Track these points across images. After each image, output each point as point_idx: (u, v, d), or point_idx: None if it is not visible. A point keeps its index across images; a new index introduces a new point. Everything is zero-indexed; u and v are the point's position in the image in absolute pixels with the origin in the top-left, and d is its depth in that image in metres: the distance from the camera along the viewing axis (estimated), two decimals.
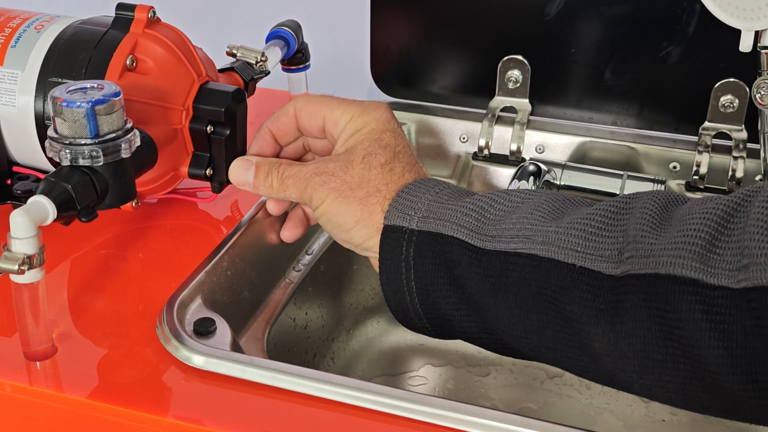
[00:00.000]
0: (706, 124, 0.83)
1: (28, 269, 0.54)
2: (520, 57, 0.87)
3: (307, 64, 0.94)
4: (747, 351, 0.47)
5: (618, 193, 0.78)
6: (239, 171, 0.66)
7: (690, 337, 0.49)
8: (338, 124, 0.64)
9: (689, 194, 0.83)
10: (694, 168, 0.83)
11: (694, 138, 0.84)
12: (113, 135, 0.61)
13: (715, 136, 0.83)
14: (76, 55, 0.68)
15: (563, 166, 0.80)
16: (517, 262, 0.55)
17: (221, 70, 0.77)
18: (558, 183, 0.79)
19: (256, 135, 0.68)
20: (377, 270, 0.61)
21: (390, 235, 0.59)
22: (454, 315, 0.58)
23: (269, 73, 0.83)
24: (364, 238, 0.61)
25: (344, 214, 0.61)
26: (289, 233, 0.70)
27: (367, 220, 0.60)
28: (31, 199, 0.57)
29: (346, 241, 0.62)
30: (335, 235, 0.63)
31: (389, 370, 0.87)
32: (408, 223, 0.59)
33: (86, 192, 0.60)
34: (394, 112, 0.65)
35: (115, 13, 0.70)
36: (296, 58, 0.92)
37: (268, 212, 0.71)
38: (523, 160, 0.87)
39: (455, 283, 0.57)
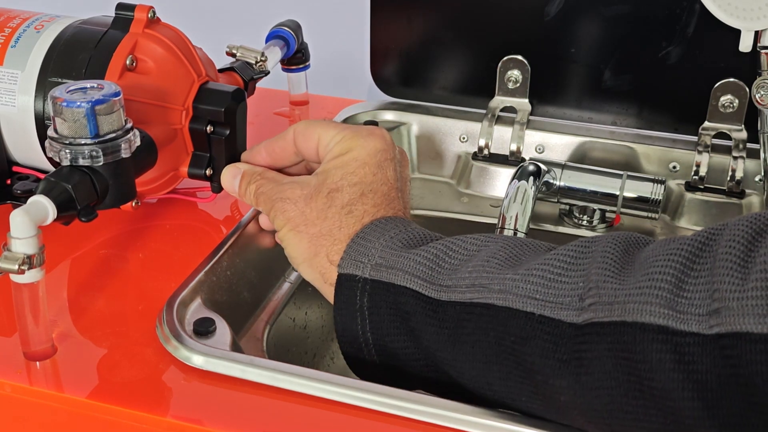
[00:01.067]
0: (706, 124, 0.83)
1: (28, 269, 0.54)
2: (520, 57, 0.87)
3: (307, 64, 0.94)
4: (723, 402, 0.45)
5: (618, 193, 0.78)
6: (228, 178, 0.67)
7: (662, 389, 0.46)
8: (328, 145, 0.63)
9: (689, 194, 0.83)
10: (694, 168, 0.83)
11: (694, 138, 0.84)
12: (113, 135, 0.61)
13: (715, 136, 0.83)
14: (76, 55, 0.68)
15: (563, 166, 0.80)
16: (473, 312, 0.53)
17: (221, 70, 0.77)
18: (558, 183, 0.79)
19: (252, 149, 0.68)
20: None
21: (344, 284, 0.58)
22: (414, 366, 0.56)
23: (269, 73, 0.83)
24: (311, 278, 0.61)
25: (295, 248, 0.61)
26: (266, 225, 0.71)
27: (312, 261, 0.60)
28: (31, 199, 0.57)
29: (306, 274, 0.62)
30: (296, 266, 0.62)
31: None
32: (361, 271, 0.57)
33: (86, 192, 0.60)
34: (395, 112, 0.65)
35: (115, 13, 0.70)
36: (296, 58, 0.92)
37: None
38: (523, 160, 0.87)
39: (412, 335, 0.55)
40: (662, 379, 0.46)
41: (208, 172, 0.71)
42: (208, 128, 0.70)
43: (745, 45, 0.72)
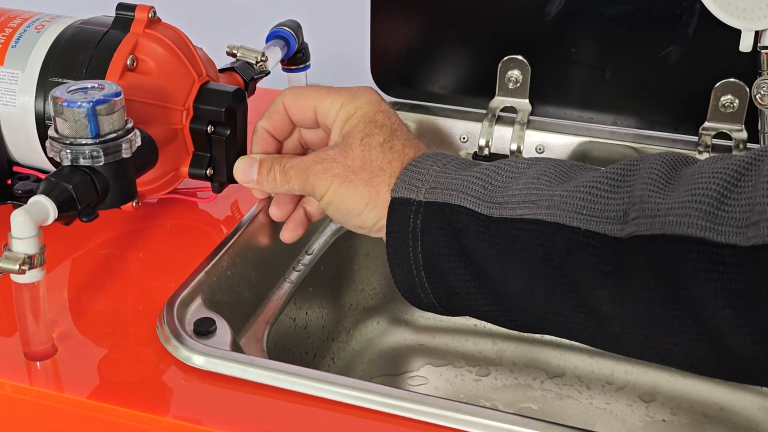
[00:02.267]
0: (706, 124, 0.84)
1: (29, 269, 0.54)
2: (520, 57, 0.87)
3: (307, 64, 0.94)
4: (754, 311, 0.46)
5: None
6: (243, 169, 0.65)
7: (696, 298, 0.48)
8: (329, 113, 0.63)
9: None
10: None
11: (694, 138, 0.84)
12: (114, 135, 0.61)
13: (715, 136, 0.83)
14: (77, 55, 0.68)
15: None
16: (523, 227, 0.54)
17: (221, 70, 0.77)
18: None
19: (253, 137, 0.68)
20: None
21: (397, 208, 0.59)
22: (462, 287, 0.58)
23: (269, 73, 0.83)
24: (377, 218, 0.60)
25: (351, 198, 0.60)
26: (290, 234, 0.69)
27: (376, 200, 0.60)
28: (31, 199, 0.57)
29: (358, 226, 0.62)
30: (346, 222, 0.62)
31: (389, 370, 0.87)
32: (415, 194, 0.58)
33: (87, 192, 0.60)
34: (396, 113, 0.65)
35: (116, 13, 0.70)
36: (296, 58, 0.92)
37: (270, 216, 0.70)
38: None
39: (462, 253, 0.57)
40: (697, 288, 0.48)
41: (209, 172, 0.71)
42: (208, 128, 0.70)
43: (746, 45, 0.72)
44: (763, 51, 0.73)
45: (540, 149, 0.88)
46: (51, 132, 0.61)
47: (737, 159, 0.50)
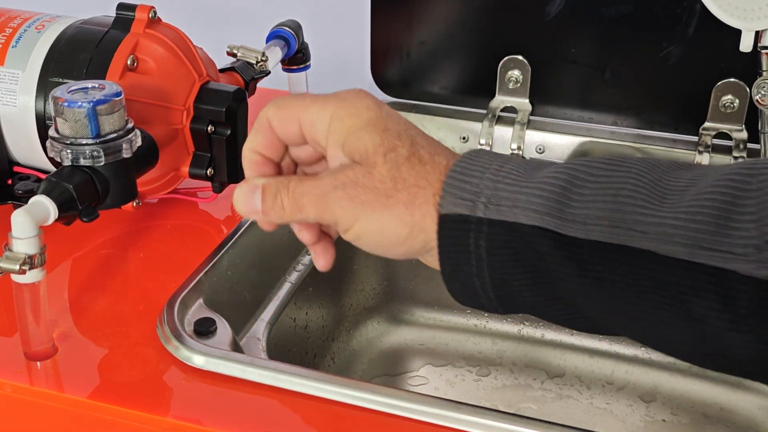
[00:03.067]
0: (707, 124, 0.83)
1: (30, 269, 0.54)
2: (520, 57, 0.87)
3: (308, 64, 0.94)
4: None
5: None
6: (245, 197, 0.54)
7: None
8: (316, 125, 0.53)
9: None
10: None
11: (695, 138, 0.84)
12: (114, 135, 0.61)
13: (716, 136, 0.83)
14: (77, 55, 0.68)
15: None
16: (622, 254, 0.47)
17: (222, 70, 0.77)
18: None
19: (243, 164, 0.56)
20: (431, 264, 0.52)
21: (451, 226, 0.50)
22: (538, 302, 0.51)
23: (270, 73, 0.83)
24: (425, 242, 0.51)
25: (391, 227, 0.51)
26: (324, 261, 0.57)
27: (422, 223, 0.50)
28: (32, 199, 0.57)
29: (402, 255, 0.53)
30: (384, 252, 0.53)
31: (389, 370, 0.87)
32: (471, 210, 0.49)
33: (87, 192, 0.60)
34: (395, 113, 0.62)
35: (116, 13, 0.70)
36: (296, 58, 0.92)
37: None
38: None
39: (542, 275, 0.50)
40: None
41: (209, 172, 0.71)
42: (209, 128, 0.70)
43: (746, 45, 0.72)
44: (763, 51, 0.73)
45: (540, 149, 0.88)
46: (51, 132, 0.61)
47: None
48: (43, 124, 0.68)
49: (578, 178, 0.49)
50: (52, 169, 0.66)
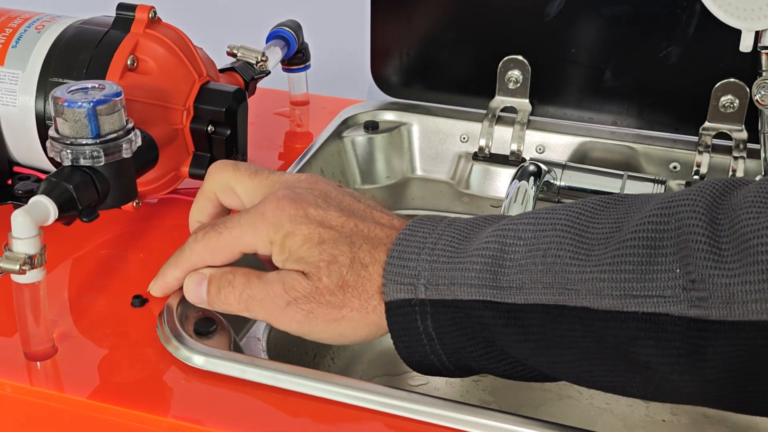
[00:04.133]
0: (707, 124, 0.83)
1: (30, 269, 0.54)
2: (520, 57, 0.87)
3: (308, 64, 0.94)
4: None
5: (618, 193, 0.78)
6: (192, 287, 0.58)
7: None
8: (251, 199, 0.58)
9: None
10: (695, 168, 0.83)
11: (695, 138, 0.84)
12: (114, 135, 0.61)
13: (716, 137, 0.83)
14: (77, 55, 0.68)
15: (563, 167, 0.80)
16: (562, 314, 0.49)
17: (222, 70, 0.77)
18: (558, 183, 0.79)
19: (190, 228, 0.61)
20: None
21: (397, 312, 0.53)
22: (496, 367, 0.54)
23: (270, 73, 0.83)
24: (382, 327, 0.54)
25: (350, 330, 0.54)
26: None
27: (375, 318, 0.54)
28: (32, 199, 0.57)
29: (360, 342, 0.57)
30: (341, 343, 0.57)
31: (389, 370, 0.87)
32: (413, 294, 0.52)
33: (87, 192, 0.60)
34: (395, 112, 0.62)
35: (116, 13, 0.70)
36: (296, 58, 0.92)
37: None
38: (524, 160, 0.87)
39: (491, 343, 0.52)
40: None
41: None
42: (209, 128, 0.70)
43: (746, 45, 0.72)
44: (764, 51, 0.73)
45: (540, 149, 0.88)
46: (51, 132, 0.61)
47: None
48: (43, 124, 0.68)
49: (507, 243, 0.51)
50: (52, 169, 0.66)
